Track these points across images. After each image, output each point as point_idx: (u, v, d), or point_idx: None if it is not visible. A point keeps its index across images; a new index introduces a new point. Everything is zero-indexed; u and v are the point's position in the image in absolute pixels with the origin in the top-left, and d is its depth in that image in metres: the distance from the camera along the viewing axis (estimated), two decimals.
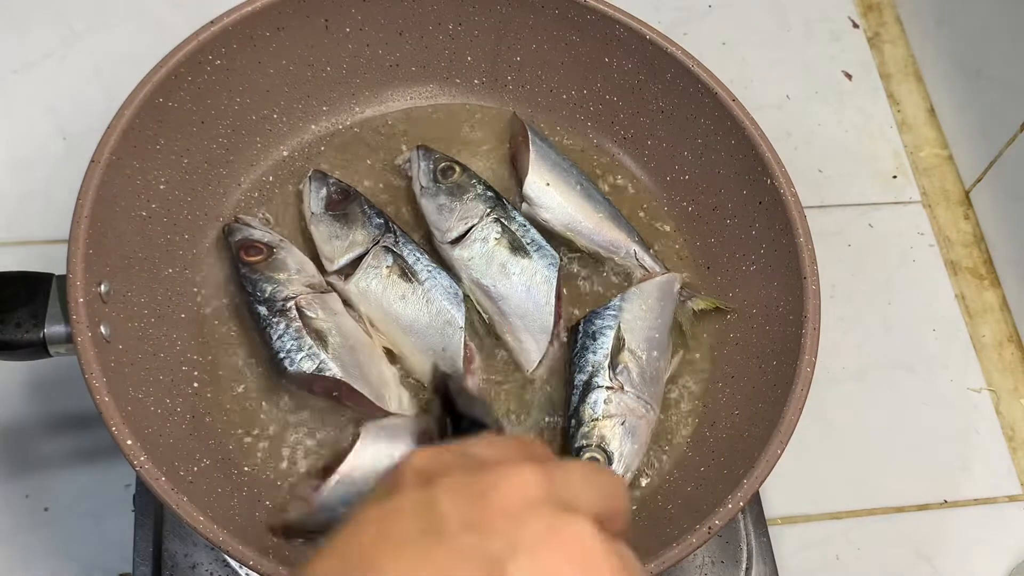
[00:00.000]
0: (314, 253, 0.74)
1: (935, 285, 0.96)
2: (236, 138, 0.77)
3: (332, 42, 0.78)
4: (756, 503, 0.78)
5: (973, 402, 0.90)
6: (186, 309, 0.72)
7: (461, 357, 0.70)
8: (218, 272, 0.74)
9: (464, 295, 0.72)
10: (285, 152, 0.80)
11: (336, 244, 0.73)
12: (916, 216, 1.00)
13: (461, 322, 0.71)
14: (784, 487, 0.83)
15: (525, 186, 0.76)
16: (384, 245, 0.72)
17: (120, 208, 0.67)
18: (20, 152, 0.91)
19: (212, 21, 0.72)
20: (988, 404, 0.90)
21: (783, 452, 0.63)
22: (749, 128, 0.74)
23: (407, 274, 0.72)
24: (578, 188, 0.78)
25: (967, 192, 1.01)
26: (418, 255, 0.72)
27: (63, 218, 0.64)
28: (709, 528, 0.60)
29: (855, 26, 1.11)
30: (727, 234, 0.77)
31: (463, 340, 0.70)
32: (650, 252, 0.77)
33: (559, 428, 0.71)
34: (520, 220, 0.75)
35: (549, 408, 0.72)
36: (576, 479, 0.40)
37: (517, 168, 0.80)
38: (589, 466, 0.45)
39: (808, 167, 1.00)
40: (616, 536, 0.39)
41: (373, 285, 0.72)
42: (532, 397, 0.72)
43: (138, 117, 0.68)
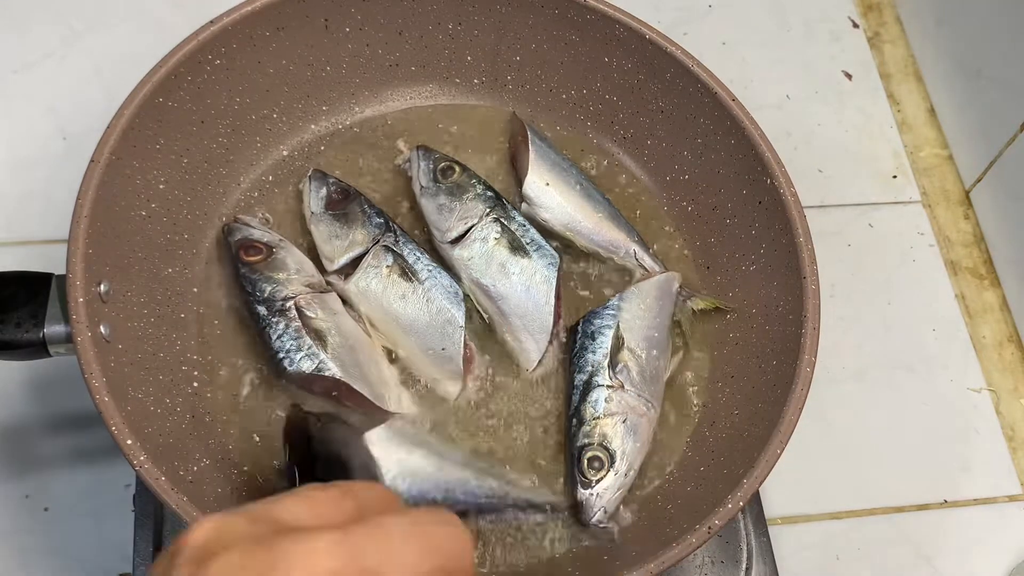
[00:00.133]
0: (314, 253, 0.74)
1: (935, 285, 0.96)
2: (236, 138, 0.77)
3: (332, 42, 0.78)
4: (756, 503, 0.78)
5: (973, 402, 0.90)
6: (186, 309, 0.72)
7: (461, 357, 0.70)
8: (218, 272, 0.74)
9: (464, 295, 0.72)
10: (285, 152, 0.80)
11: (336, 244, 0.73)
12: (916, 216, 1.00)
13: (461, 322, 0.71)
14: (784, 487, 0.83)
15: (525, 186, 0.76)
16: (384, 244, 0.72)
17: (120, 208, 0.67)
18: (20, 152, 0.91)
19: (212, 21, 0.72)
20: (988, 404, 0.90)
21: (783, 452, 0.63)
22: (749, 128, 0.74)
23: (407, 273, 0.72)
24: (578, 188, 0.78)
25: (967, 192, 1.01)
26: (418, 254, 0.72)
27: (63, 218, 0.64)
28: (709, 528, 0.60)
29: (855, 26, 1.11)
30: (727, 234, 0.77)
31: (463, 340, 0.70)
32: (650, 252, 0.77)
33: (559, 428, 0.71)
34: (520, 220, 0.75)
35: (549, 408, 0.72)
36: (394, 541, 0.35)
37: (517, 168, 0.80)
38: (421, 519, 0.38)
39: (808, 167, 1.00)
40: None
41: (373, 285, 0.72)
42: (531, 397, 0.72)
43: (138, 117, 0.68)
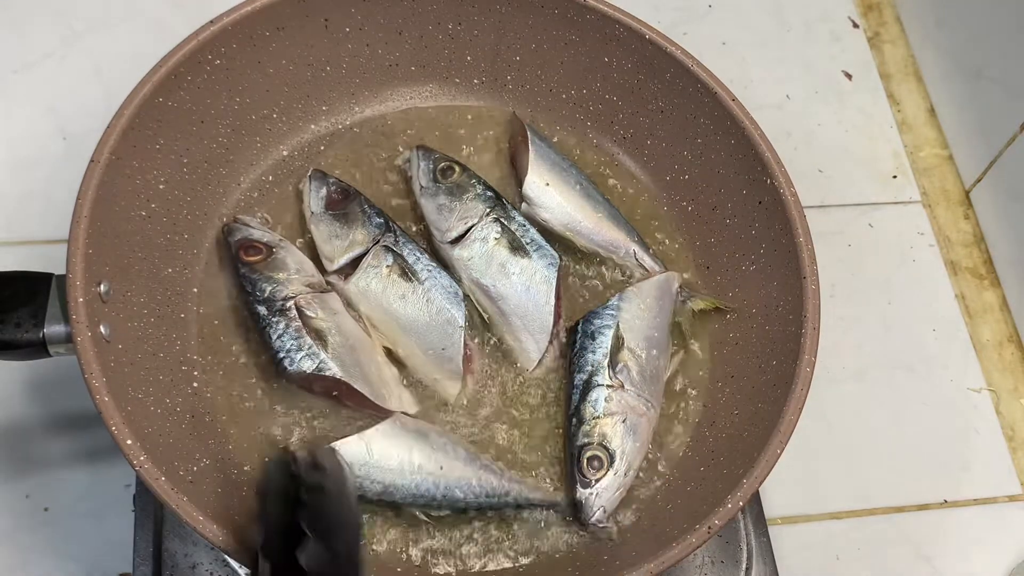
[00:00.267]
0: (314, 253, 0.74)
1: (935, 285, 0.96)
2: (236, 138, 0.77)
3: (332, 42, 0.78)
4: (756, 503, 0.78)
5: (973, 402, 0.90)
6: (186, 309, 0.72)
7: (461, 357, 0.70)
8: (217, 272, 0.74)
9: (464, 295, 0.72)
10: (285, 152, 0.80)
11: (336, 243, 0.73)
12: (916, 216, 1.00)
13: (461, 321, 0.71)
14: (784, 487, 0.83)
15: (525, 186, 0.76)
16: (384, 244, 0.72)
17: (120, 208, 0.67)
18: (20, 152, 0.91)
19: (212, 21, 0.72)
20: (988, 404, 0.90)
21: (783, 452, 0.63)
22: (749, 128, 0.74)
23: (407, 273, 0.72)
24: (577, 188, 0.78)
25: (967, 192, 1.01)
26: (418, 254, 0.72)
27: (63, 218, 0.64)
28: (709, 528, 0.60)
29: (855, 26, 1.11)
30: (727, 234, 0.77)
31: (463, 340, 0.70)
32: (649, 252, 0.77)
33: (559, 427, 0.71)
34: (520, 220, 0.75)
35: (549, 408, 0.72)
36: None
37: (517, 168, 0.80)
38: None
39: (808, 167, 1.00)
40: None
41: (373, 285, 0.72)
42: (531, 397, 0.72)
43: (138, 117, 0.68)
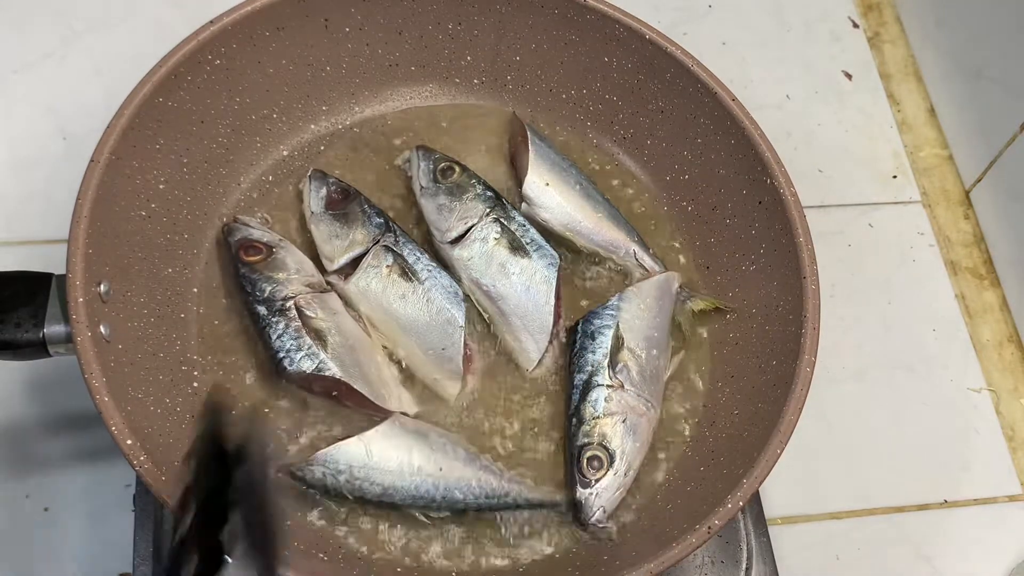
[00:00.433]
0: (314, 253, 0.74)
1: (935, 285, 0.96)
2: (236, 138, 0.77)
3: (332, 42, 0.78)
4: (756, 503, 0.78)
5: (973, 402, 0.90)
6: (186, 309, 0.72)
7: (461, 357, 0.70)
8: (217, 272, 0.74)
9: (464, 295, 0.72)
10: (285, 152, 0.80)
11: (336, 243, 0.73)
12: (916, 216, 1.00)
13: (461, 321, 0.71)
14: (784, 487, 0.83)
15: (524, 186, 0.76)
16: (384, 244, 0.72)
17: (120, 208, 0.67)
18: (20, 152, 0.91)
19: (212, 21, 0.72)
20: (988, 404, 0.90)
21: (783, 452, 0.63)
22: (749, 128, 0.74)
23: (407, 273, 0.72)
24: (577, 188, 0.78)
25: (967, 192, 1.01)
26: (418, 254, 0.72)
27: (63, 218, 0.64)
28: (709, 528, 0.60)
29: (855, 26, 1.11)
30: (727, 234, 0.77)
31: (463, 340, 0.70)
32: (649, 252, 0.77)
33: (559, 427, 0.71)
34: (519, 220, 0.75)
35: (548, 407, 0.72)
36: None
37: (517, 168, 0.80)
38: None
39: (808, 167, 1.00)
40: None
41: (373, 285, 0.72)
42: (531, 396, 0.72)
43: (138, 117, 0.68)
